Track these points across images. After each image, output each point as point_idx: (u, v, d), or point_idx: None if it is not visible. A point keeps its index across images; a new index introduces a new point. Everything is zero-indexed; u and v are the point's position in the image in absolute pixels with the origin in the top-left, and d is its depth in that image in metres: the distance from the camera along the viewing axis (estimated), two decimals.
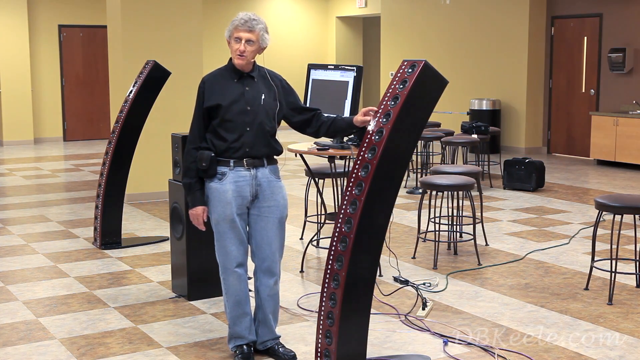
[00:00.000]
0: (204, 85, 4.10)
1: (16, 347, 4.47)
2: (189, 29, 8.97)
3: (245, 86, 4.08)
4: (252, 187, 4.07)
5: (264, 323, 4.24)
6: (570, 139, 12.70)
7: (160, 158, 8.78)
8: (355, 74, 5.40)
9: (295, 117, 4.23)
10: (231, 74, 4.11)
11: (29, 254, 6.59)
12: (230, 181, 4.04)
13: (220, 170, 4.05)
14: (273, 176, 4.14)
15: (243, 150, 4.04)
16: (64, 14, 15.24)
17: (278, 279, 4.22)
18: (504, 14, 13.09)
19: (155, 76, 6.63)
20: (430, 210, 6.76)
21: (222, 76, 4.12)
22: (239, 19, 4.05)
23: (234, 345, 4.24)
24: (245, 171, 4.06)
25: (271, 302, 4.22)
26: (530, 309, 5.08)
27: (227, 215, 4.05)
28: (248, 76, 4.11)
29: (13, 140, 14.73)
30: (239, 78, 4.10)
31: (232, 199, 4.04)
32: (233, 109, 4.02)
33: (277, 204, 4.13)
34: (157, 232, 7.36)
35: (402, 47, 15.08)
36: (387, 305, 5.16)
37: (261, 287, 4.20)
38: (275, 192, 4.13)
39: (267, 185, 4.11)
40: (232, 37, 4.04)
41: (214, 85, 4.09)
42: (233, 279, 4.14)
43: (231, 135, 4.03)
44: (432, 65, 3.59)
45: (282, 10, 17.63)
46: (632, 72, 11.70)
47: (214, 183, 4.06)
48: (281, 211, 4.15)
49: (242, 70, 4.09)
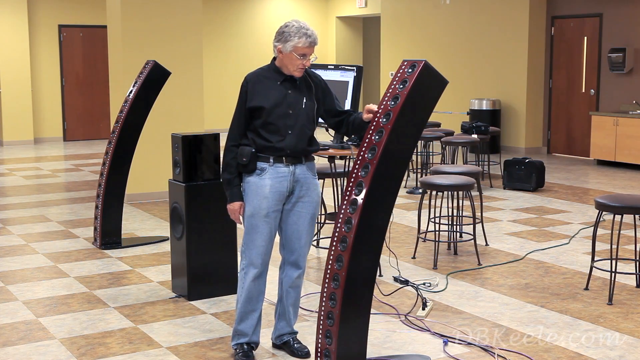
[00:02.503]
0: (247, 85, 4.10)
1: (16, 347, 4.47)
2: (189, 29, 8.96)
3: (288, 89, 4.10)
4: (290, 183, 4.13)
5: (282, 316, 4.30)
6: (570, 139, 12.70)
7: (160, 158, 8.78)
8: (355, 74, 5.40)
9: (330, 120, 4.28)
10: (275, 75, 4.11)
11: (29, 254, 6.59)
12: (269, 177, 4.08)
13: (260, 165, 4.10)
14: (310, 173, 4.19)
15: (284, 152, 4.09)
16: (64, 14, 15.25)
17: (302, 274, 4.27)
18: (504, 14, 13.09)
19: (155, 76, 6.63)
20: (430, 210, 6.76)
21: (266, 77, 4.12)
22: (303, 34, 4.00)
23: (236, 342, 4.26)
24: (284, 167, 4.10)
25: (292, 294, 4.27)
26: (530, 309, 5.08)
27: (262, 209, 4.09)
28: (291, 79, 4.11)
29: (13, 140, 14.73)
30: (282, 80, 4.10)
31: (270, 194, 4.08)
32: (275, 112, 4.05)
33: (311, 200, 4.18)
34: (157, 232, 7.36)
35: (402, 47, 15.08)
36: (387, 305, 5.16)
37: (285, 278, 4.26)
38: (310, 188, 4.18)
39: (304, 181, 4.16)
40: (295, 51, 4.00)
41: (256, 85, 4.09)
42: (253, 274, 4.15)
43: (273, 136, 4.07)
44: (432, 65, 3.59)
45: (282, 10, 17.64)
46: (632, 72, 11.70)
47: (253, 177, 4.10)
48: (315, 207, 4.21)
49: (285, 73, 4.10)
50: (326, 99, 4.23)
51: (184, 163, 5.25)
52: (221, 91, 16.77)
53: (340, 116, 4.25)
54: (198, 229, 5.23)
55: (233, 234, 5.37)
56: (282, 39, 4.03)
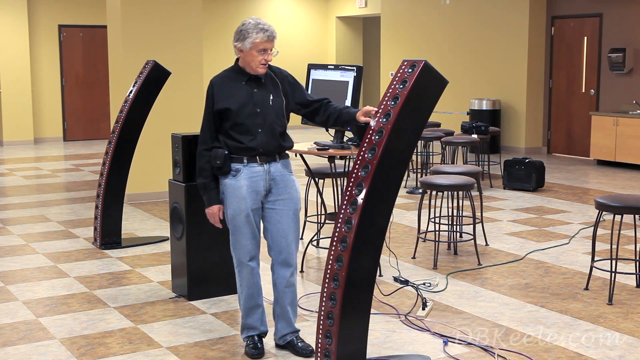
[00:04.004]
0: (212, 88, 4.14)
1: (16, 347, 4.47)
2: (189, 28, 8.96)
3: (253, 88, 4.12)
4: (266, 181, 4.15)
5: (282, 316, 4.32)
6: (570, 139, 12.70)
7: (160, 158, 8.78)
8: (355, 74, 5.40)
9: (303, 110, 4.29)
10: (239, 76, 4.15)
11: (29, 254, 6.59)
12: (245, 177, 4.11)
13: (234, 167, 4.13)
14: (285, 170, 4.22)
15: (256, 150, 4.12)
16: (64, 14, 15.24)
17: (295, 271, 4.29)
18: (504, 13, 13.09)
19: (155, 76, 6.63)
20: (430, 210, 6.76)
21: (230, 78, 4.15)
22: (260, 29, 4.03)
23: (246, 335, 4.35)
24: (258, 167, 4.13)
25: (288, 294, 4.29)
26: (530, 309, 5.08)
27: (242, 210, 4.12)
28: (256, 77, 4.13)
29: (13, 140, 14.73)
30: (246, 80, 4.13)
31: (247, 194, 4.12)
32: (243, 112, 4.08)
33: (290, 196, 4.20)
34: (157, 232, 7.36)
35: (402, 47, 15.09)
36: (387, 305, 5.16)
37: (278, 279, 4.28)
38: (288, 185, 4.21)
39: (280, 179, 4.18)
40: (254, 47, 4.03)
41: (222, 88, 4.12)
42: (246, 272, 4.23)
43: (244, 137, 4.10)
44: (432, 65, 3.59)
45: (282, 10, 17.64)
46: (632, 72, 11.70)
47: (229, 179, 4.13)
48: (295, 204, 4.23)
49: (249, 72, 4.12)
50: (295, 93, 4.24)
51: (184, 163, 5.25)
52: None
53: (313, 105, 4.25)
54: (198, 229, 5.23)
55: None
56: (241, 37, 4.06)
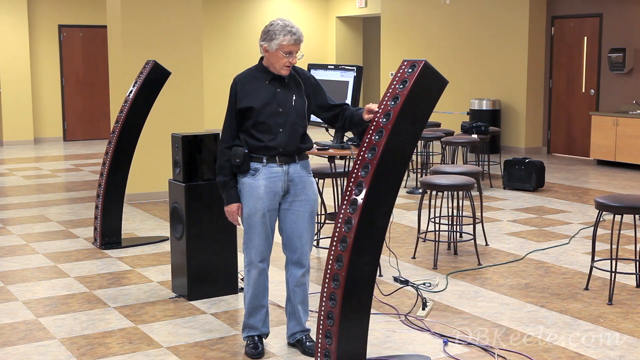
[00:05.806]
0: (236, 86, 4.14)
1: (16, 347, 4.47)
2: (189, 28, 8.96)
3: (276, 88, 4.12)
4: (284, 182, 4.15)
5: (292, 315, 4.34)
6: (570, 139, 12.69)
7: (160, 158, 8.78)
8: (355, 74, 5.40)
9: (323, 114, 4.30)
10: (262, 75, 4.15)
11: (29, 254, 6.59)
12: (263, 177, 4.11)
13: (253, 166, 4.12)
14: (304, 171, 4.22)
15: (276, 150, 4.11)
16: (64, 14, 15.24)
17: (307, 272, 4.30)
18: (504, 14, 13.09)
19: (155, 76, 6.63)
20: (430, 210, 6.76)
21: (254, 77, 4.16)
22: (287, 32, 4.03)
23: (247, 335, 4.36)
24: (277, 167, 4.13)
25: (299, 293, 4.30)
26: (530, 309, 5.08)
27: (259, 210, 4.12)
28: (279, 77, 4.14)
29: (13, 140, 14.73)
30: (270, 79, 4.13)
31: (265, 194, 4.11)
32: (265, 112, 4.08)
33: (308, 198, 4.20)
34: (157, 232, 7.36)
35: (402, 47, 15.08)
36: (387, 305, 5.16)
37: (290, 278, 4.29)
38: (306, 187, 4.21)
39: (298, 180, 4.18)
40: (281, 49, 4.03)
41: (245, 86, 4.12)
42: (255, 273, 4.23)
43: (265, 136, 4.09)
44: (432, 65, 3.59)
45: (282, 10, 17.63)
46: (632, 72, 11.70)
47: (247, 178, 4.13)
48: (312, 205, 4.23)
49: (273, 72, 4.12)
50: (317, 95, 4.25)
51: (184, 163, 5.25)
52: (221, 91, 16.75)
53: (334, 110, 4.27)
54: (198, 229, 5.23)
55: (233, 234, 5.37)
56: (268, 37, 4.07)
